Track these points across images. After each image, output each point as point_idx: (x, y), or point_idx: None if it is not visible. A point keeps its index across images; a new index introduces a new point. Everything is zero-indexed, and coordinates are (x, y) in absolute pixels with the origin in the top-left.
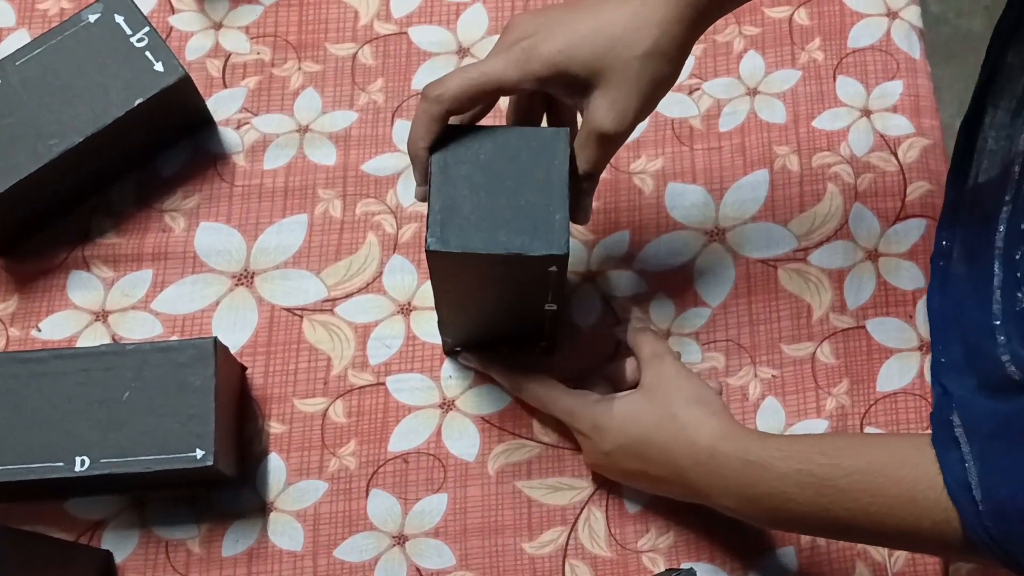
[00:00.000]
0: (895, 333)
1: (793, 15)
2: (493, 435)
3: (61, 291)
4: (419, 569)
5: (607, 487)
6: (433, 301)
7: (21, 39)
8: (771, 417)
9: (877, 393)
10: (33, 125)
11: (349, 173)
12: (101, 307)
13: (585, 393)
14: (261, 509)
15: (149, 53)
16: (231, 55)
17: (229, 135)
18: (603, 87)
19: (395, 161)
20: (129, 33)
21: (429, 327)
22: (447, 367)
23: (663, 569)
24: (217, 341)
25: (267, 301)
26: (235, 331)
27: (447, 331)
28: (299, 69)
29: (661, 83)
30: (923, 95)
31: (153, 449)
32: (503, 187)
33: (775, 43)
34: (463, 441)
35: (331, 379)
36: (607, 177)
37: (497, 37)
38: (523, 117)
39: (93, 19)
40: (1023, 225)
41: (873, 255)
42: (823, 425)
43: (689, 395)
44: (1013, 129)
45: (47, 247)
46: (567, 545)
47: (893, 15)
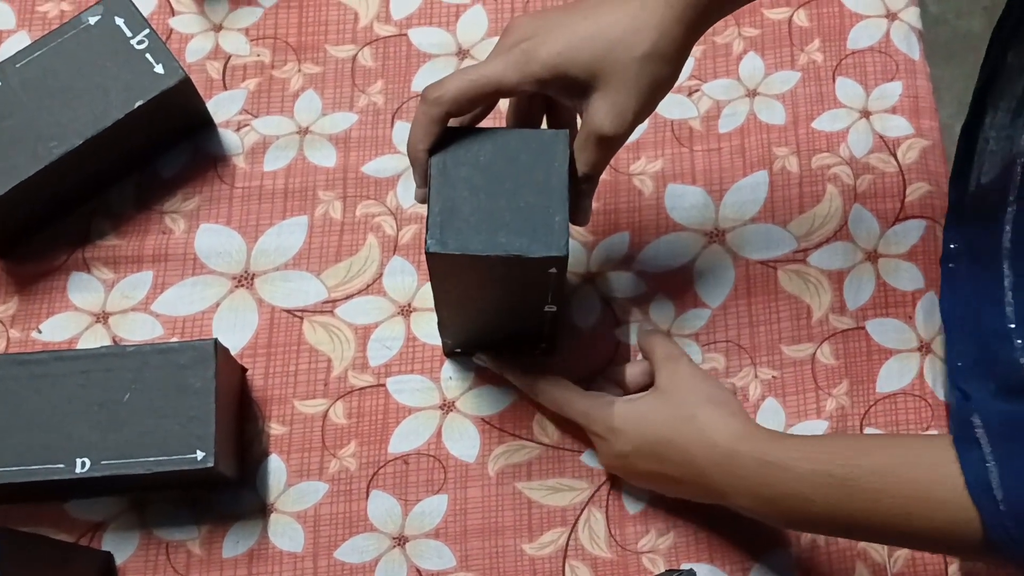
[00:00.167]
0: (894, 334)
1: (792, 16)
2: (493, 436)
3: (61, 293)
4: (419, 570)
5: (607, 488)
6: (433, 302)
7: (21, 41)
8: (771, 418)
9: (877, 394)
10: (33, 127)
11: (349, 175)
12: (101, 309)
13: (600, 395)
14: (261, 510)
15: (149, 55)
16: (231, 57)
17: (229, 137)
18: (602, 89)
19: (395, 163)
20: (129, 35)
21: (429, 328)
22: (447, 368)
23: (663, 570)
24: (217, 343)
25: (267, 302)
26: (235, 332)
27: (447, 332)
28: (299, 71)
29: (660, 85)
30: (922, 96)
31: (154, 451)
32: (503, 189)
33: (774, 44)
34: (463, 442)
35: (331, 380)
36: (607, 178)
37: (497, 39)
38: (523, 119)
39: (93, 21)
40: None
41: (872, 256)
42: (823, 426)
43: (706, 396)
44: (1013, 130)
45: (47, 249)
46: (567, 546)
47: (892, 16)
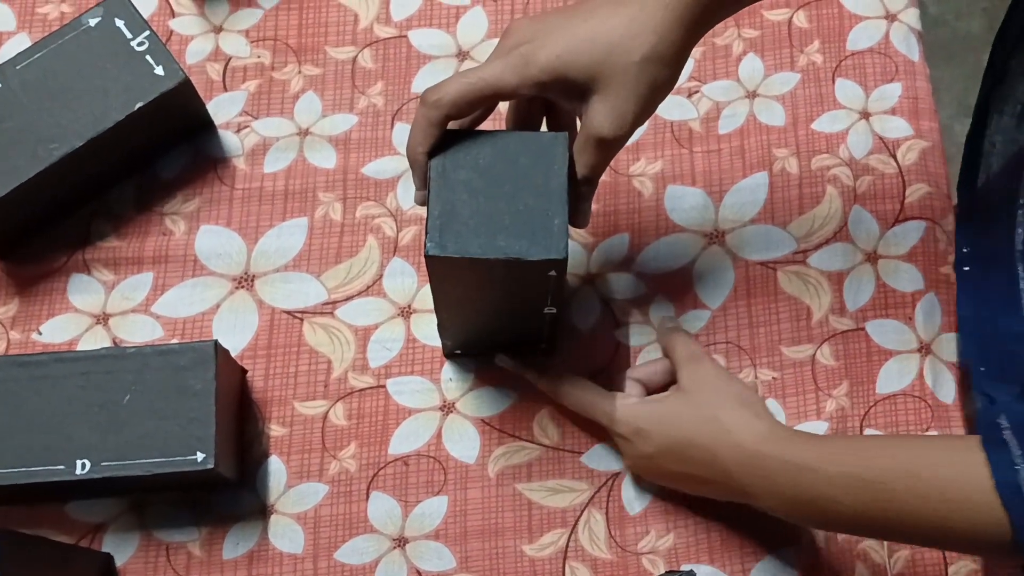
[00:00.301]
0: (894, 335)
1: (792, 18)
2: (493, 437)
3: (61, 294)
4: (419, 571)
5: (607, 489)
6: (433, 304)
7: (21, 43)
8: None
9: (877, 395)
10: (33, 129)
11: (349, 176)
12: (101, 310)
13: (623, 396)
14: (261, 512)
15: (149, 57)
16: (231, 59)
17: (229, 138)
18: (602, 92)
19: (395, 164)
20: (129, 37)
21: (429, 330)
22: (447, 369)
23: (663, 571)
24: (218, 344)
25: (267, 304)
26: (235, 334)
27: (447, 334)
28: (299, 72)
29: (660, 88)
30: (922, 97)
31: (154, 452)
32: (502, 192)
33: (774, 46)
34: (463, 443)
35: (331, 382)
36: (606, 180)
37: (496, 40)
38: (522, 122)
39: (93, 23)
40: None
41: (872, 257)
42: (823, 427)
43: (731, 397)
44: (1019, 133)
45: (47, 250)
46: (567, 547)
47: (892, 17)
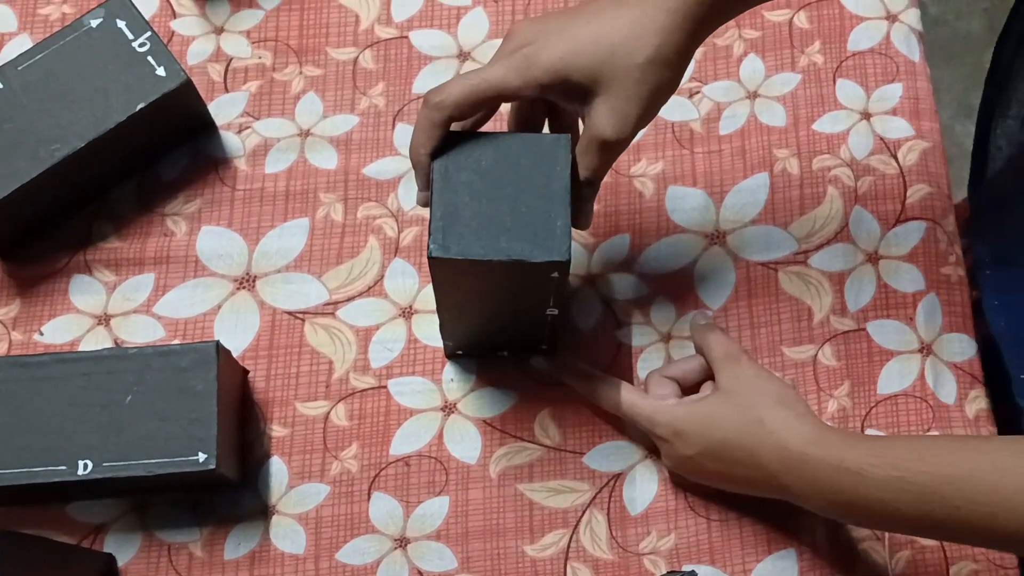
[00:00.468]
0: (895, 335)
1: (793, 18)
2: (495, 438)
3: (63, 295)
4: (421, 572)
5: (608, 490)
6: (434, 305)
7: (23, 44)
8: None
9: (878, 395)
10: (35, 130)
11: (350, 177)
12: (103, 311)
13: (661, 396)
14: (263, 512)
15: (151, 58)
16: (232, 59)
17: (230, 139)
18: (604, 94)
19: (396, 165)
20: (131, 38)
21: (430, 330)
22: (448, 370)
23: (665, 571)
24: (219, 345)
25: (269, 304)
26: (237, 335)
27: (448, 335)
28: (300, 73)
29: (662, 90)
30: (923, 98)
31: (155, 453)
32: (504, 194)
33: (775, 46)
34: (465, 444)
35: (333, 382)
36: (607, 180)
37: (497, 41)
38: (524, 123)
39: (95, 24)
40: None
41: (873, 257)
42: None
43: (773, 397)
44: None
45: (49, 251)
46: (569, 548)
47: (892, 18)
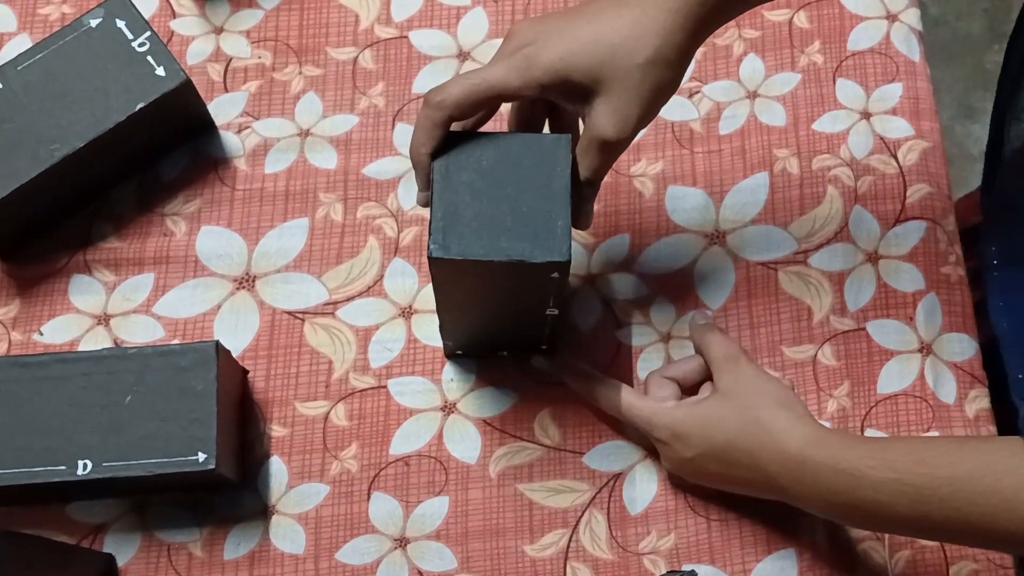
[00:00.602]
0: (895, 335)
1: (793, 18)
2: (494, 438)
3: (63, 295)
4: (420, 572)
5: (608, 490)
6: (434, 304)
7: (22, 44)
8: None
9: (878, 395)
10: (34, 130)
11: (350, 177)
12: (103, 311)
13: (661, 398)
14: (263, 512)
15: (150, 58)
16: (232, 59)
17: (230, 139)
18: (604, 94)
19: (396, 165)
20: (130, 38)
21: (430, 330)
22: (448, 370)
23: (664, 571)
24: (219, 345)
25: (268, 304)
26: (236, 335)
27: (448, 335)
28: (300, 73)
29: (663, 90)
30: (923, 97)
31: (155, 453)
32: (505, 194)
33: (775, 46)
34: (464, 444)
35: (332, 382)
36: (607, 180)
37: (497, 41)
38: (525, 123)
39: (94, 24)
40: None
41: (873, 257)
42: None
43: (772, 399)
44: None
45: (49, 251)
46: (568, 548)
47: (892, 18)
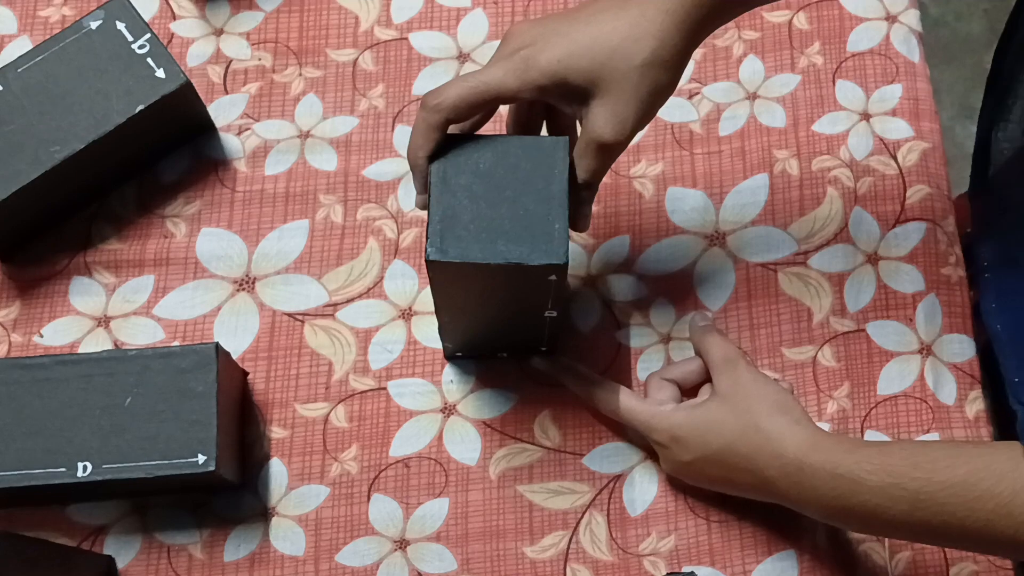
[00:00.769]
0: (895, 336)
1: (792, 19)
2: (494, 439)
3: (63, 297)
4: (420, 574)
5: (608, 491)
6: (434, 307)
7: (23, 46)
8: None
9: (878, 396)
10: (35, 132)
11: (350, 178)
12: (103, 313)
13: (660, 401)
14: (263, 514)
15: (150, 60)
16: (232, 61)
17: (230, 141)
18: (602, 96)
19: (396, 166)
20: (130, 40)
21: (430, 332)
22: (448, 372)
23: (664, 573)
24: (219, 346)
25: (268, 306)
26: (237, 336)
27: (448, 337)
28: (300, 75)
29: (660, 92)
30: (922, 98)
31: (155, 455)
32: (503, 196)
33: (774, 47)
34: (464, 445)
35: (332, 384)
36: (607, 181)
37: (497, 42)
38: (523, 126)
39: (95, 26)
40: None
41: (873, 258)
42: (824, 428)
43: (770, 404)
44: None
45: (49, 253)
46: (568, 549)
47: (892, 19)
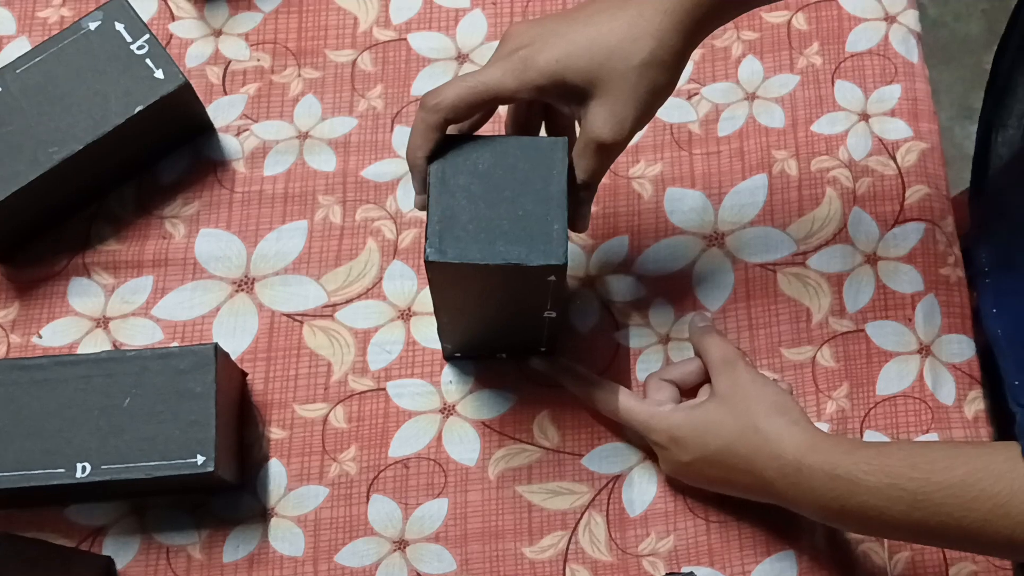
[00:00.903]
0: (894, 336)
1: (791, 20)
2: (493, 440)
3: (62, 298)
4: (419, 574)
5: (607, 492)
6: (432, 307)
7: (21, 47)
8: None
9: (877, 396)
10: (33, 133)
11: (349, 179)
12: (102, 314)
13: (659, 401)
14: (262, 515)
15: (149, 60)
16: (231, 62)
17: (229, 142)
18: (600, 97)
19: (395, 167)
20: (129, 40)
21: (429, 332)
22: (447, 372)
23: (663, 573)
24: (218, 347)
25: (267, 307)
26: (235, 337)
27: (447, 337)
28: (299, 76)
29: (659, 92)
30: (921, 99)
31: (154, 455)
32: (501, 197)
33: (773, 48)
34: (463, 446)
35: (331, 384)
36: (606, 182)
37: (496, 43)
38: (521, 126)
39: (93, 27)
40: None
41: (872, 259)
42: (823, 429)
43: (769, 405)
44: None
45: (48, 254)
46: (568, 549)
47: (891, 19)
